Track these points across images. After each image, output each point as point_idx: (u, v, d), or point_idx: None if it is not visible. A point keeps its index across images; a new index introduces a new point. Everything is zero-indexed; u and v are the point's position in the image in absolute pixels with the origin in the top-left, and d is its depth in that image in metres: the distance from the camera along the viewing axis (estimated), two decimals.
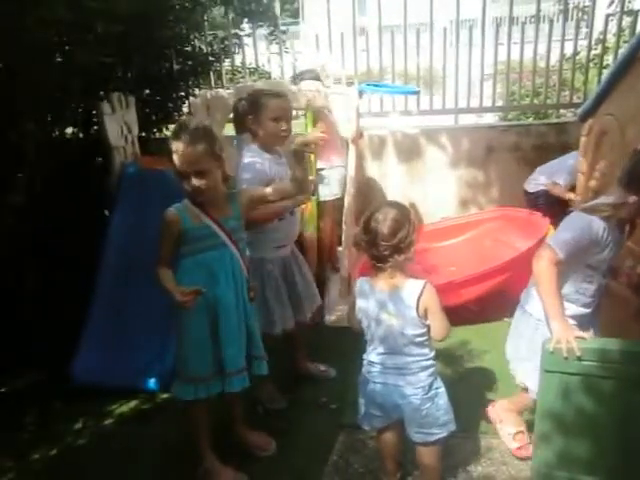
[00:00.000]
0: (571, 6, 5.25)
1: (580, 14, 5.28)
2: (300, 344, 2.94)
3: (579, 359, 1.86)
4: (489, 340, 3.19)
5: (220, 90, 3.77)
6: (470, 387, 2.77)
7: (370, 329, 1.93)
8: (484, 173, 4.65)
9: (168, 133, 4.73)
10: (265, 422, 2.57)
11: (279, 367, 2.54)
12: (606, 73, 2.61)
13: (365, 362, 1.98)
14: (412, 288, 1.82)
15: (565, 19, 4.54)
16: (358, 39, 4.78)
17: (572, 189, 3.78)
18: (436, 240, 4.04)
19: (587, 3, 4.92)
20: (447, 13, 4.80)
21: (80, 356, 2.88)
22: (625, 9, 4.56)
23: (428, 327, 1.85)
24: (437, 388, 1.92)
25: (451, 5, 4.63)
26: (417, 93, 3.90)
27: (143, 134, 3.93)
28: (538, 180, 4.06)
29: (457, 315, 2.46)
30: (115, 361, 2.85)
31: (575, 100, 4.70)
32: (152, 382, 2.80)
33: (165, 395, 2.79)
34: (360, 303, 1.94)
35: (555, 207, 3.76)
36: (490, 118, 6.12)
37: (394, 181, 4.77)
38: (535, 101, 5.02)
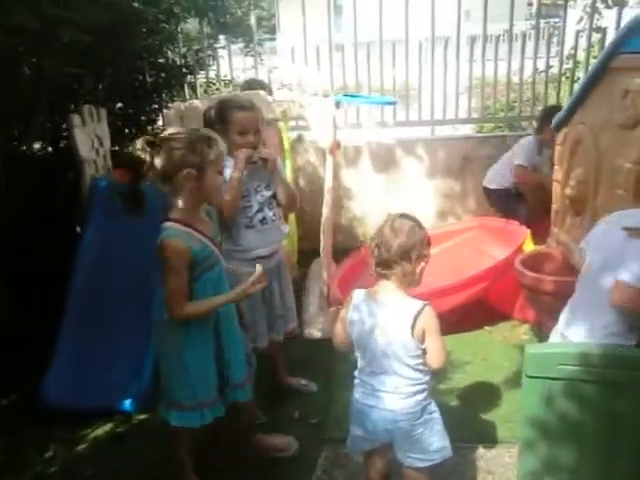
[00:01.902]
0: (543, 24, 5.37)
1: (552, 30, 5.41)
2: (278, 359, 2.87)
3: (561, 364, 1.84)
4: (469, 349, 3.17)
5: (194, 101, 3.72)
6: (453, 397, 2.75)
7: (361, 346, 1.81)
8: (461, 183, 4.69)
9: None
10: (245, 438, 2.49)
11: (258, 382, 2.47)
12: (579, 84, 2.65)
13: (356, 382, 1.88)
14: (410, 308, 1.72)
15: (538, 36, 4.65)
16: (335, 54, 4.81)
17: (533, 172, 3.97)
18: None
19: (557, 20, 5.04)
20: (422, 30, 4.86)
21: (50, 377, 2.76)
22: (594, 26, 4.69)
23: (424, 351, 1.74)
24: (431, 412, 1.81)
25: (427, 22, 4.69)
26: (394, 104, 3.91)
27: (116, 147, 3.85)
28: (497, 177, 4.19)
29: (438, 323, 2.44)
30: (88, 382, 2.74)
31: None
32: (128, 403, 2.70)
33: (142, 416, 2.69)
34: (353, 316, 1.82)
35: (512, 202, 3.98)
36: (466, 131, 6.19)
37: (371, 192, 4.77)
38: (510, 114, 5.10)
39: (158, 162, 1.86)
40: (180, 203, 1.90)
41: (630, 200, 2.21)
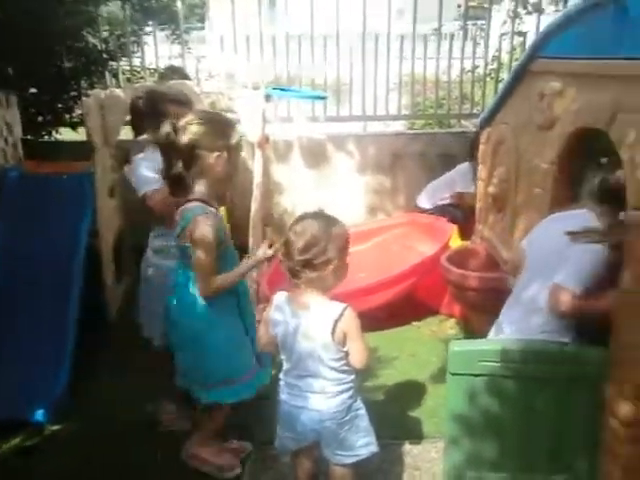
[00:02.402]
0: (470, 25, 5.52)
1: (478, 32, 5.58)
2: None
3: (483, 360, 1.88)
4: (398, 345, 3.21)
5: (116, 90, 3.52)
6: (380, 394, 2.76)
7: (285, 348, 1.80)
8: (391, 180, 4.73)
9: (59, 136, 4.41)
10: (167, 445, 2.39)
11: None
12: (501, 85, 2.72)
13: (282, 383, 1.85)
14: (329, 311, 1.70)
15: (465, 37, 4.77)
16: (267, 47, 4.72)
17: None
18: None
19: (484, 22, 5.20)
20: (356, 25, 4.86)
21: None
22: (515, 30, 4.88)
23: (347, 352, 1.73)
24: (357, 410, 1.82)
25: (360, 18, 4.70)
26: (325, 98, 3.88)
27: (28, 136, 3.59)
28: (433, 197, 4.17)
29: (366, 321, 2.44)
30: None
31: (475, 111, 4.93)
32: (40, 413, 2.51)
33: (55, 427, 2.51)
34: (276, 317, 1.80)
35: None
36: (398, 127, 6.28)
37: (302, 187, 4.73)
38: (439, 112, 5.21)
39: (184, 145, 1.91)
40: (203, 184, 1.96)
41: (547, 199, 2.29)
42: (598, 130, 1.88)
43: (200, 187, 1.97)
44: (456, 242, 3.81)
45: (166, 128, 1.93)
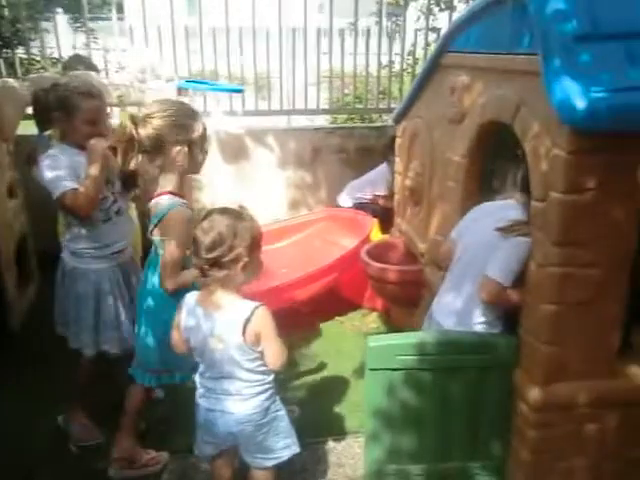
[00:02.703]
0: (386, 21, 5.59)
1: (394, 26, 5.67)
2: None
3: (400, 354, 1.89)
4: (322, 340, 3.19)
5: (10, 80, 3.24)
6: (303, 391, 2.73)
7: (199, 351, 1.73)
8: (312, 174, 4.71)
9: None
10: (81, 463, 2.23)
11: (92, 393, 2.27)
12: (415, 79, 2.75)
13: (198, 386, 1.78)
14: (239, 311, 1.64)
15: (380, 33, 4.81)
16: (183, 39, 4.54)
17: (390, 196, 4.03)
18: (267, 242, 3.95)
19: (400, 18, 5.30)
20: (277, 19, 4.77)
21: None
22: (430, 26, 4.98)
23: (262, 353, 1.68)
24: (276, 411, 1.77)
25: (284, 12, 4.62)
26: (241, 92, 3.78)
27: None
28: (354, 195, 4.18)
29: (290, 318, 2.39)
30: None
31: (393, 105, 4.98)
32: None
33: None
34: (186, 319, 1.72)
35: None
36: (321, 122, 6.26)
37: (221, 182, 4.61)
38: (358, 106, 5.24)
39: (145, 138, 1.89)
40: (172, 177, 1.94)
41: (459, 192, 2.33)
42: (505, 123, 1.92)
43: (167, 180, 1.94)
44: (377, 235, 3.85)
45: (122, 120, 1.97)
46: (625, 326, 1.85)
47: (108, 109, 2.66)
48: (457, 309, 2.06)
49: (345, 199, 4.23)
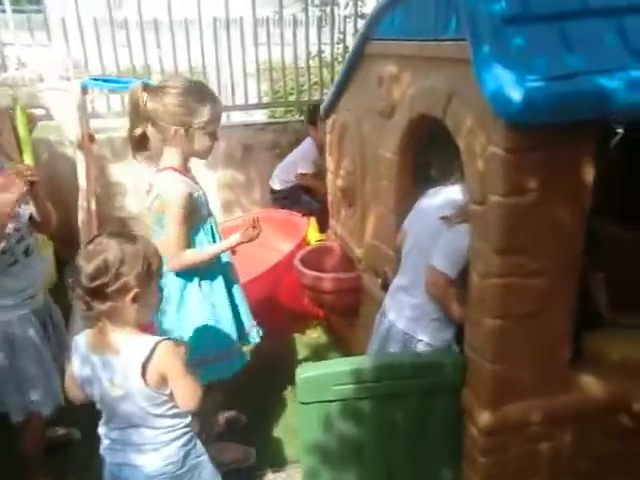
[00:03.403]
0: (317, 10, 5.32)
1: (322, 14, 5.40)
2: None
3: (336, 384, 1.67)
4: (258, 355, 2.93)
5: None
6: (240, 415, 2.47)
7: (98, 399, 1.48)
8: (244, 174, 4.44)
9: None
10: None
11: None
12: (340, 69, 2.52)
13: (101, 436, 1.53)
14: (137, 351, 1.40)
15: (307, 21, 4.56)
16: (118, 33, 4.20)
17: (316, 175, 3.84)
18: None
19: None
20: (212, 11, 4.45)
21: None
22: (358, 13, 4.76)
23: (171, 394, 1.45)
24: (197, 457, 1.54)
25: (218, 3, 4.31)
26: None
27: None
28: (281, 177, 4.01)
29: None
30: None
31: (325, 97, 4.76)
32: None
33: None
34: (79, 368, 1.47)
35: (300, 204, 3.79)
36: (259, 117, 5.95)
37: (145, 186, 4.27)
38: (291, 98, 4.97)
39: (152, 109, 1.78)
40: (173, 152, 1.84)
41: (393, 191, 2.13)
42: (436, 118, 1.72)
43: (169, 155, 1.85)
44: (314, 236, 3.62)
45: (135, 90, 1.79)
46: (575, 332, 1.71)
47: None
48: (410, 305, 1.88)
49: (275, 182, 4.04)
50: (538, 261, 1.51)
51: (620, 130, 2.82)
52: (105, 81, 3.20)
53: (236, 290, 2.04)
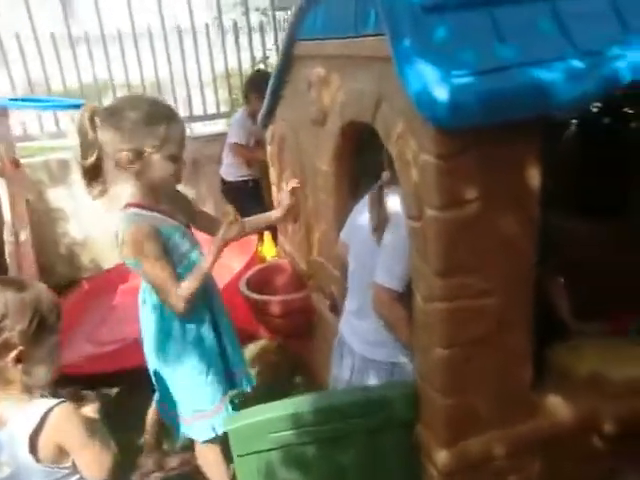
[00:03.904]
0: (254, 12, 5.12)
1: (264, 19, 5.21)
2: None
3: (273, 431, 1.47)
4: None
5: None
6: (180, 455, 2.24)
7: None
8: (194, 189, 4.20)
9: None
10: None
11: None
12: (272, 75, 2.32)
13: None
14: (24, 421, 1.18)
15: (249, 27, 4.37)
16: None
17: (253, 146, 3.68)
18: None
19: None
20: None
21: None
22: None
23: (74, 465, 1.24)
24: None
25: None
26: (80, 107, 3.20)
27: None
28: (231, 167, 3.84)
29: None
30: None
31: None
32: None
33: None
34: None
35: (247, 201, 3.49)
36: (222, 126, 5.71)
37: (91, 210, 4.01)
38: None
39: (101, 135, 1.56)
40: (132, 184, 1.63)
41: (332, 205, 1.95)
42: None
43: (129, 188, 1.64)
44: (271, 251, 3.42)
45: (85, 115, 1.57)
46: (537, 347, 1.55)
47: None
48: (368, 330, 1.66)
49: (226, 172, 3.89)
50: (486, 279, 1.33)
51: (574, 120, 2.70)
52: (25, 100, 2.96)
53: (225, 326, 1.85)
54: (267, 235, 3.49)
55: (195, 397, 1.77)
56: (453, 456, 1.44)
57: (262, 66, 4.53)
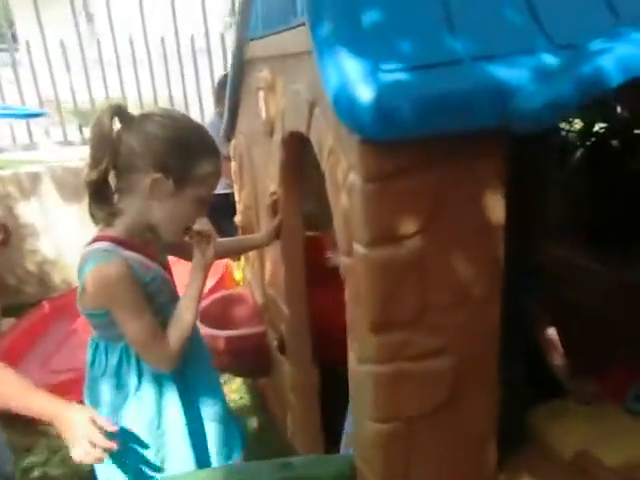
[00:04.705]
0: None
1: None
2: None
3: None
4: None
5: None
6: None
7: None
8: None
9: None
10: None
11: None
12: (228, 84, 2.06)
13: None
14: None
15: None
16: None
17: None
18: None
19: None
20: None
21: None
22: None
23: None
24: None
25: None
26: (42, 115, 3.00)
27: None
28: None
29: None
30: None
31: None
32: None
33: None
34: None
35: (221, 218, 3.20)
36: None
37: (63, 226, 3.83)
38: None
39: (126, 143, 1.23)
40: (129, 215, 1.26)
41: (283, 231, 1.66)
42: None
43: (122, 216, 1.26)
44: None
45: (106, 112, 1.22)
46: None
47: None
48: None
49: None
50: (435, 336, 1.03)
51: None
52: None
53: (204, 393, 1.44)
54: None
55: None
56: None
57: None
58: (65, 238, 3.83)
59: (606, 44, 0.90)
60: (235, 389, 2.75)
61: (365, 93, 0.85)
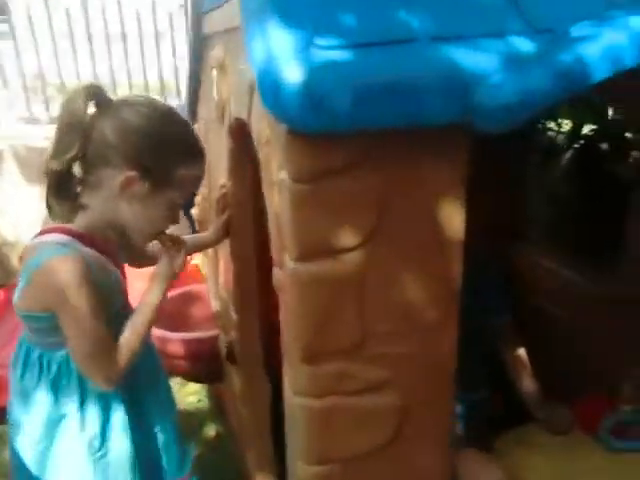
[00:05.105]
0: None
1: None
2: None
3: None
4: None
5: None
6: None
7: None
8: None
9: None
10: None
11: None
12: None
13: None
14: None
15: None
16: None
17: None
18: None
19: None
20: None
21: None
22: None
23: None
24: None
25: None
26: None
27: None
28: None
29: None
30: None
31: None
32: None
33: None
34: None
35: None
36: None
37: (25, 207, 3.64)
38: None
39: (98, 130, 1.06)
40: (92, 211, 1.10)
41: (236, 226, 1.50)
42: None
43: (87, 210, 1.10)
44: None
45: (79, 94, 1.05)
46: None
47: None
48: None
49: None
50: (378, 367, 0.88)
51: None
52: None
53: (158, 413, 1.27)
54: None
55: None
56: None
57: None
58: (26, 220, 3.64)
59: (591, 29, 0.74)
60: (192, 392, 2.59)
61: (293, 74, 0.68)
